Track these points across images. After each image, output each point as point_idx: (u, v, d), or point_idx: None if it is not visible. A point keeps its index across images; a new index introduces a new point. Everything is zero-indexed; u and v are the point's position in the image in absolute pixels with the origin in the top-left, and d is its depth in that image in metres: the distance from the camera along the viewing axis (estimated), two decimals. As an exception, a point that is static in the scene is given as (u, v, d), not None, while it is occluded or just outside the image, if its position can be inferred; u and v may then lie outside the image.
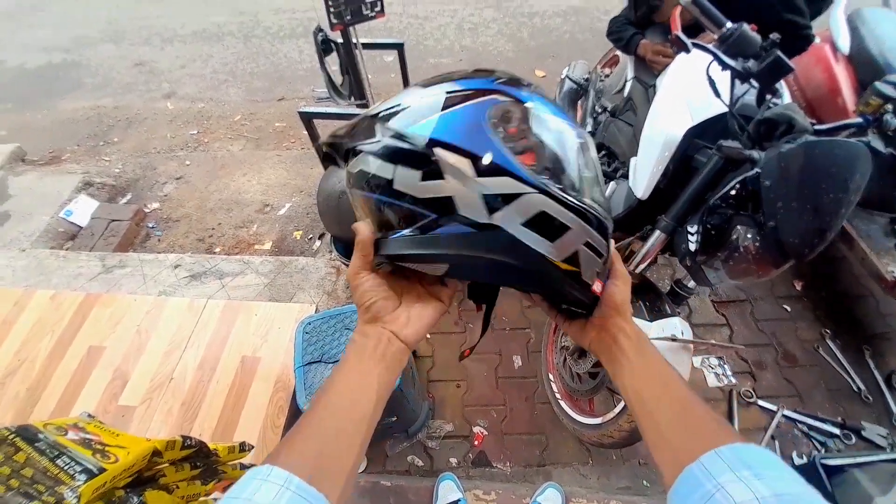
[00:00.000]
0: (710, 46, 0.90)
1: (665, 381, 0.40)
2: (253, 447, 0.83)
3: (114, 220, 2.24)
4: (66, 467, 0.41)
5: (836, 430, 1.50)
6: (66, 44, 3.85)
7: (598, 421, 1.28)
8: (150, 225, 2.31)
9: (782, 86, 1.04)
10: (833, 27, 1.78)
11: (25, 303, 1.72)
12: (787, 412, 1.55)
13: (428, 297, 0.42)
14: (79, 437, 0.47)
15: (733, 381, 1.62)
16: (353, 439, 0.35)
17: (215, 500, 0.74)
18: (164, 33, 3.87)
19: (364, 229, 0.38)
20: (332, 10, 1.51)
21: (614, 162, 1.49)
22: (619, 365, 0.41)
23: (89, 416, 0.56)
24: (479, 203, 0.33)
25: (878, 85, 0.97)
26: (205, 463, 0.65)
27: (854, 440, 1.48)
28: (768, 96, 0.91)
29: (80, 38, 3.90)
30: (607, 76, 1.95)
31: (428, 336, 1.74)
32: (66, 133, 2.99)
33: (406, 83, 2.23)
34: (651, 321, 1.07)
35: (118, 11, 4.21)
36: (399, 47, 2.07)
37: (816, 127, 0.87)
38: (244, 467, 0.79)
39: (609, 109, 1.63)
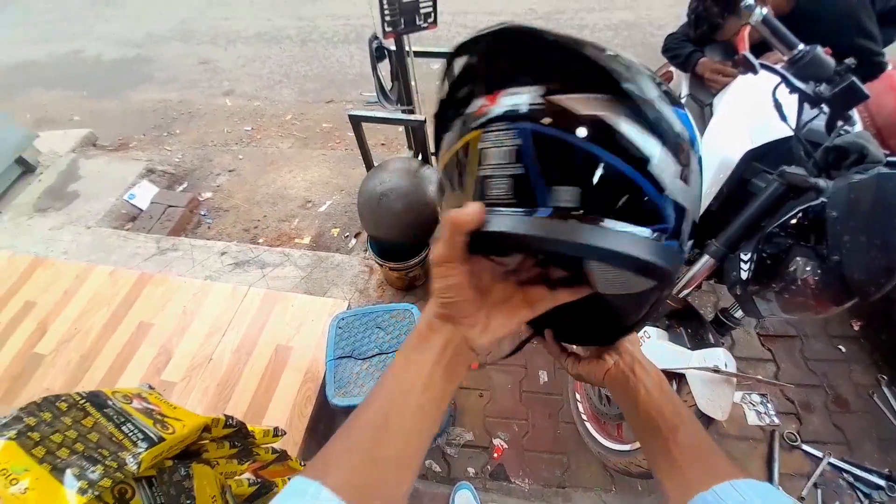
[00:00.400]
0: (779, 68, 0.86)
1: (679, 411, 0.41)
2: (286, 433, 0.86)
3: (170, 206, 2.39)
4: (130, 434, 0.44)
5: (883, 483, 1.38)
6: (139, 39, 4.18)
7: (626, 448, 1.23)
8: (203, 213, 2.45)
9: (854, 112, 0.98)
10: (911, 53, 1.66)
11: (86, 276, 1.86)
12: (833, 460, 1.43)
13: (516, 299, 0.35)
14: (142, 406, 0.50)
15: (776, 421, 1.52)
16: (412, 459, 0.31)
17: (248, 479, 0.77)
18: (229, 34, 4.12)
19: (472, 207, 0.29)
20: (387, 18, 1.56)
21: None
22: (636, 395, 0.42)
23: (150, 387, 0.61)
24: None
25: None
26: (242, 443, 0.69)
27: (903, 496, 1.36)
28: (839, 123, 0.86)
29: (152, 35, 4.22)
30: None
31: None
32: (134, 122, 3.23)
33: (452, 91, 2.25)
34: (692, 349, 1.02)
35: (189, 11, 4.54)
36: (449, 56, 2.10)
37: (890, 158, 0.81)
38: (275, 452, 0.82)
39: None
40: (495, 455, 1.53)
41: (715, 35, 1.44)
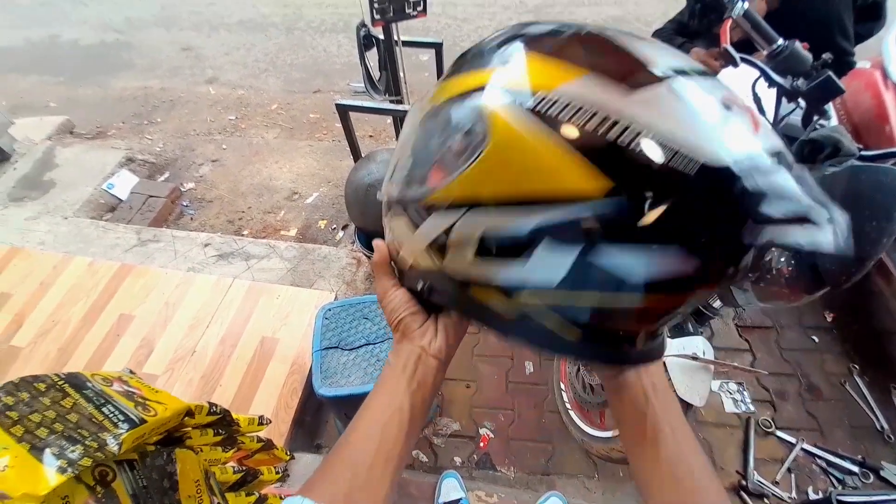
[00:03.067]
0: (758, 62, 0.88)
1: (688, 440, 0.37)
2: (270, 421, 0.86)
3: (151, 196, 2.33)
4: (110, 415, 0.44)
5: (855, 468, 1.44)
6: (119, 24, 4.04)
7: (607, 434, 1.26)
8: (185, 203, 2.40)
9: (830, 108, 1.01)
10: (885, 53, 1.72)
11: (63, 268, 1.81)
12: (806, 445, 1.49)
13: None
14: (123, 389, 0.49)
15: (752, 408, 1.57)
16: (385, 468, 0.33)
17: (233, 467, 0.77)
18: (213, 20, 4.02)
19: (382, 247, 0.37)
20: (375, 6, 1.55)
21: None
22: (641, 418, 0.37)
23: (130, 371, 0.60)
24: None
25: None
26: (227, 431, 0.68)
27: (872, 479, 1.42)
28: (815, 117, 0.88)
29: (133, 20, 4.09)
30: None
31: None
32: (113, 110, 3.14)
33: (440, 83, 2.25)
34: (672, 338, 1.05)
35: (171, -3, 4.40)
36: (437, 46, 2.09)
37: (863, 153, 0.84)
38: (260, 440, 0.82)
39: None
40: (481, 444, 1.55)
41: (715, 28, 1.46)
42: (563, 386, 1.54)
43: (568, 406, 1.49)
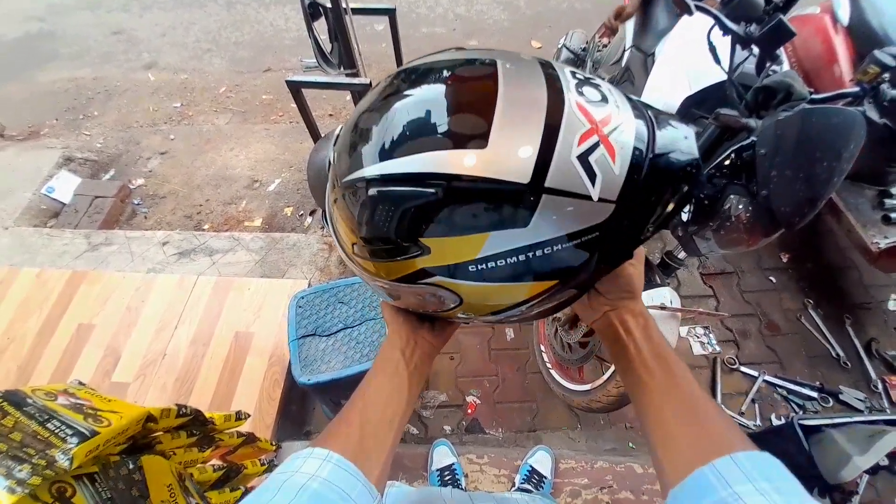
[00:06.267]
0: (712, 9, 0.88)
1: (671, 369, 0.37)
2: (249, 415, 0.84)
3: (98, 197, 2.18)
4: (56, 430, 0.41)
5: (815, 394, 1.56)
6: (40, 12, 3.63)
7: (587, 387, 1.31)
8: (136, 202, 2.25)
9: (782, 53, 1.02)
10: (834, -2, 1.74)
11: (11, 281, 1.69)
12: (767, 377, 1.60)
13: None
14: (69, 402, 0.46)
15: (717, 349, 1.67)
16: (390, 428, 0.38)
17: (213, 465, 0.75)
18: (142, -1, 3.67)
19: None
20: (318, -29, 1.44)
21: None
22: (625, 348, 0.39)
23: (80, 383, 0.56)
24: None
25: (878, 53, 0.95)
26: (201, 431, 0.66)
27: (832, 403, 1.55)
28: (768, 63, 0.89)
29: (55, 6, 3.68)
30: (605, 46, 1.90)
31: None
32: (44, 106, 2.86)
33: (398, 52, 2.15)
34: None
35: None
36: (391, 13, 1.98)
37: (814, 96, 0.86)
38: (241, 435, 0.80)
39: (607, 80, 1.60)
40: (469, 411, 1.59)
41: None
42: (542, 347, 1.58)
43: (549, 365, 1.54)
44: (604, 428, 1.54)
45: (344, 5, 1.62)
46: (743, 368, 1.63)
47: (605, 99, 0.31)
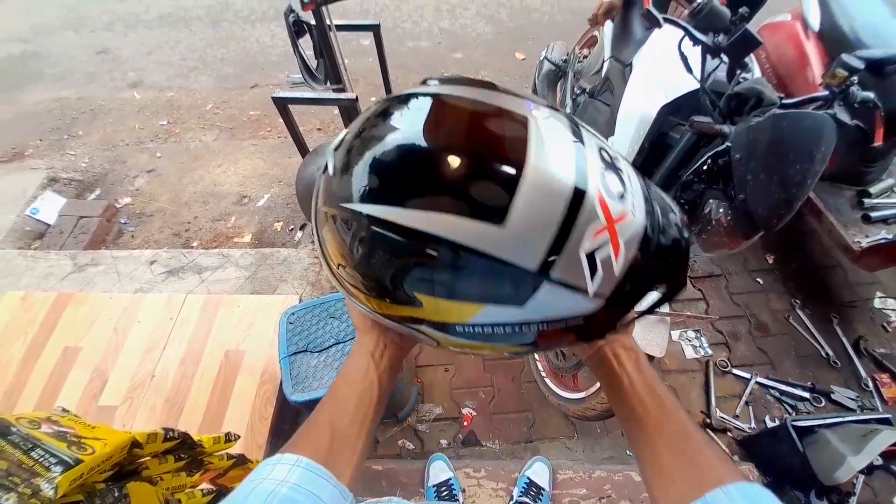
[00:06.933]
0: (681, 21, 0.91)
1: (663, 403, 0.38)
2: (239, 437, 0.83)
3: (83, 217, 2.15)
4: (40, 459, 0.40)
5: (807, 395, 1.58)
6: (24, 33, 3.62)
7: (581, 395, 1.31)
8: (123, 221, 2.23)
9: (752, 60, 1.05)
10: (804, 4, 1.80)
11: (-6, 305, 1.65)
12: (759, 379, 1.62)
13: None
14: (53, 430, 0.46)
15: (709, 352, 1.68)
16: (361, 429, 0.38)
17: (202, 490, 0.74)
18: (128, 18, 3.67)
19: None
20: (302, -11, 1.46)
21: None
22: (619, 382, 0.40)
23: (64, 410, 0.55)
24: None
25: (845, 57, 0.98)
26: (189, 454, 0.65)
27: (824, 403, 1.56)
28: (738, 71, 0.92)
29: (39, 27, 3.67)
30: (585, 57, 1.95)
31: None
32: (27, 127, 2.84)
33: (383, 67, 2.18)
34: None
35: (76, -4, 3.98)
36: (375, 29, 2.01)
37: (784, 101, 0.89)
38: (231, 458, 0.79)
39: (587, 90, 1.64)
40: (465, 423, 1.58)
41: None
42: (536, 357, 1.58)
43: (543, 374, 1.54)
44: (600, 436, 1.54)
45: (328, 22, 1.64)
46: (735, 371, 1.64)
47: (623, 192, 0.30)
